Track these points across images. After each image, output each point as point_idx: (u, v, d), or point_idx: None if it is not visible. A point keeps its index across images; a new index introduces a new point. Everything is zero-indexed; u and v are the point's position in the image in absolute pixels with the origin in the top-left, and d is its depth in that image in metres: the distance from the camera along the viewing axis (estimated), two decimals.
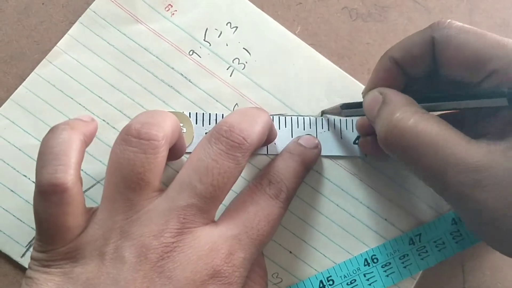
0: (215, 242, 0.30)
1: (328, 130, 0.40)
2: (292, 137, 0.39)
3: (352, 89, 0.41)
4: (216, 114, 0.39)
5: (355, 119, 0.40)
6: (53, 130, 0.31)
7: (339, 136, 0.40)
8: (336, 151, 0.39)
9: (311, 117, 0.40)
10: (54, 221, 0.29)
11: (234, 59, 0.40)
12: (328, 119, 0.40)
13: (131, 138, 0.30)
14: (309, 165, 0.38)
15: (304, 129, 0.40)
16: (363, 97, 0.36)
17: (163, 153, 0.30)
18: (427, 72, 0.34)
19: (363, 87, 0.40)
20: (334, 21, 0.42)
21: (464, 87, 0.33)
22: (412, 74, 0.35)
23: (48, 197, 0.29)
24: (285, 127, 0.39)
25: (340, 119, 0.40)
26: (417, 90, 0.34)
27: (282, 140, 0.39)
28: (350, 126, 0.40)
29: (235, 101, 0.40)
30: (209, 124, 0.39)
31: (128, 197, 0.30)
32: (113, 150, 0.31)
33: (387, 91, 0.34)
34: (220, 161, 0.31)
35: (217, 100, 0.40)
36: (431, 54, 0.33)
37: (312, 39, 0.42)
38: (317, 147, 0.38)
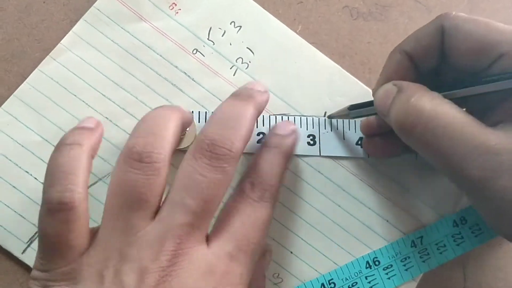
0: (210, 264, 0.31)
1: (331, 130, 0.41)
2: None
3: (354, 89, 0.42)
4: None
5: (359, 119, 0.41)
6: (61, 148, 0.32)
7: (342, 136, 0.41)
8: (339, 152, 0.40)
9: (314, 117, 0.41)
10: (58, 238, 0.30)
11: (238, 59, 0.41)
12: (331, 120, 0.41)
13: (133, 161, 0.31)
14: (288, 153, 0.37)
15: (307, 129, 0.40)
16: (373, 94, 0.36)
17: (164, 173, 0.31)
18: (436, 64, 0.35)
19: (364, 86, 0.42)
20: (335, 20, 0.43)
21: (473, 76, 0.34)
22: (423, 67, 0.35)
23: (56, 214, 0.30)
24: None
25: (343, 120, 0.41)
26: (427, 85, 0.34)
27: None
28: (353, 127, 0.41)
29: None
30: None
31: (127, 218, 0.31)
32: (114, 172, 0.31)
33: (401, 82, 0.34)
34: (207, 175, 0.31)
35: (220, 99, 0.41)
36: (441, 44, 0.34)
37: (313, 38, 0.42)
38: (294, 132, 0.38)
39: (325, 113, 0.41)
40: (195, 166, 0.31)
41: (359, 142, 0.41)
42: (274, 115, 0.41)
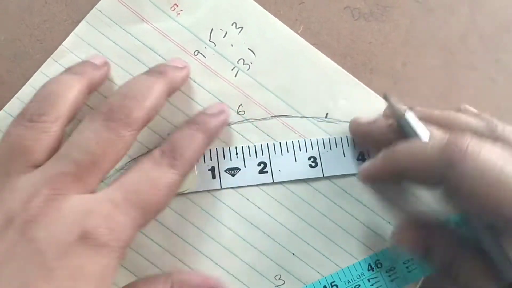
0: (89, 206, 0.31)
1: (331, 149, 0.41)
2: (295, 161, 0.41)
3: (356, 91, 0.43)
4: (217, 149, 0.41)
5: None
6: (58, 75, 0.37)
7: (342, 154, 0.41)
8: (342, 170, 0.41)
9: (312, 139, 0.42)
10: None
11: (239, 60, 0.42)
12: (329, 139, 0.42)
13: (24, 121, 0.33)
14: (210, 132, 0.38)
15: (306, 152, 0.41)
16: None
17: (55, 132, 0.33)
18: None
19: (367, 88, 0.43)
20: (337, 21, 0.44)
21: None
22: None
23: None
24: (287, 152, 0.41)
25: (341, 137, 0.42)
26: None
27: (285, 166, 0.41)
28: (351, 143, 0.42)
29: (240, 101, 0.42)
30: (211, 160, 0.41)
31: (6, 165, 0.32)
32: (5, 131, 0.34)
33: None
34: (98, 133, 0.33)
35: (221, 101, 0.41)
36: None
37: (315, 39, 0.43)
38: (222, 112, 0.40)
39: (327, 114, 0.42)
40: (89, 125, 0.33)
41: (360, 157, 0.42)
42: (275, 116, 0.42)
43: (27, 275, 0.29)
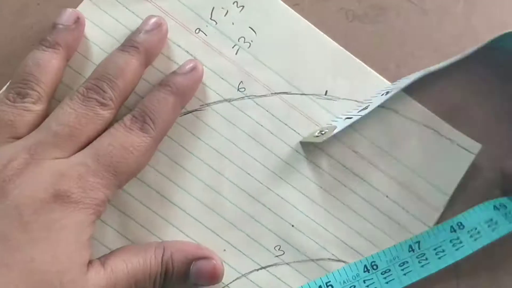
0: (61, 169, 0.34)
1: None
2: None
3: (356, 69, 0.44)
4: None
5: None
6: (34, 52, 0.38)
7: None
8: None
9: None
10: None
11: (240, 38, 0.43)
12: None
13: (8, 100, 0.36)
14: (181, 93, 0.40)
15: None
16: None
17: (37, 110, 0.37)
18: None
19: (366, 67, 0.44)
20: (331, 23, 0.44)
21: None
22: None
23: None
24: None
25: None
26: None
27: None
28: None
29: (240, 78, 0.42)
30: None
31: None
32: None
33: None
34: (78, 109, 0.36)
35: (222, 78, 0.42)
36: None
37: None
38: (193, 70, 0.41)
39: (326, 91, 0.43)
40: (68, 103, 0.36)
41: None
42: (274, 93, 0.43)
43: (5, 227, 0.32)
